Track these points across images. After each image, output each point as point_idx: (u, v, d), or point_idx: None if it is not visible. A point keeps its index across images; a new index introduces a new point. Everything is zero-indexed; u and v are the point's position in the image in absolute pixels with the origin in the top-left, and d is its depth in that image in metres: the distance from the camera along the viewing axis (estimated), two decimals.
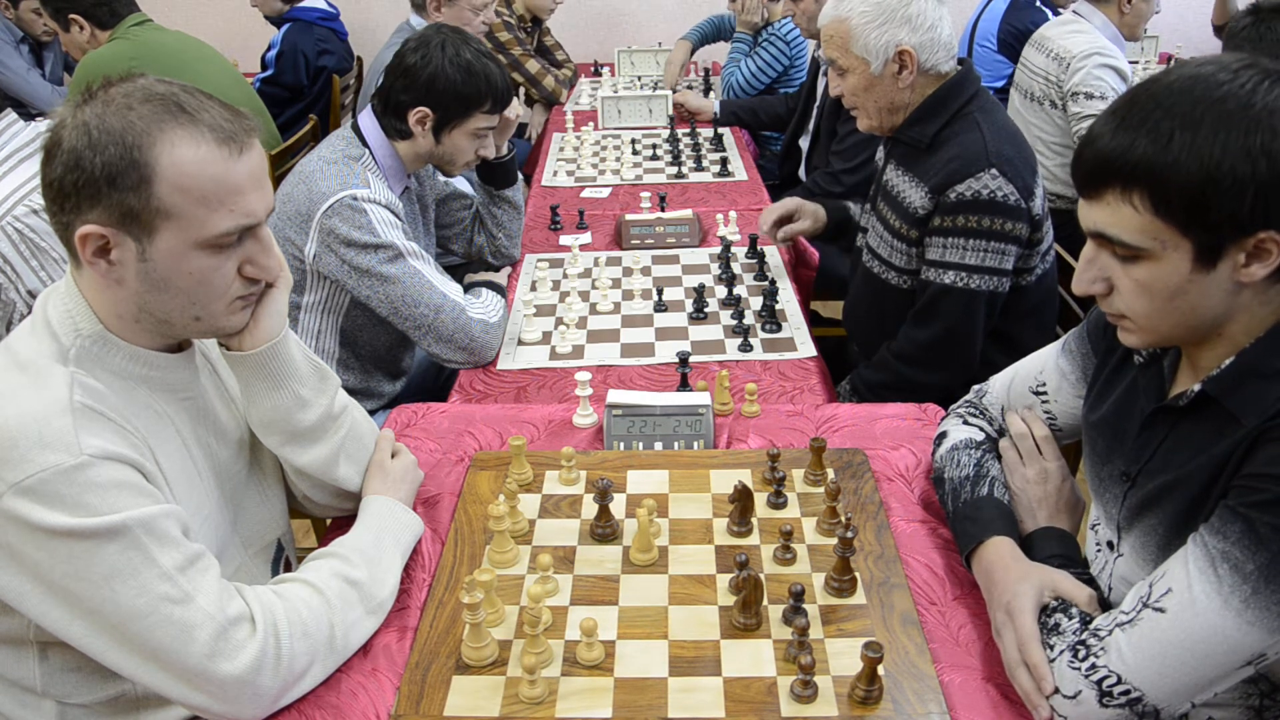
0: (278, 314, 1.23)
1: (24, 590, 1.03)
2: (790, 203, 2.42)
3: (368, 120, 2.07)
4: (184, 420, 1.20)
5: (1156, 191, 0.97)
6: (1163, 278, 1.00)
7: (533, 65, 4.19)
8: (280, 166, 3.06)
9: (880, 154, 2.22)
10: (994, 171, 1.85)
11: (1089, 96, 3.06)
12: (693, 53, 4.27)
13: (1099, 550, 1.23)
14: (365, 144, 2.05)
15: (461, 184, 2.58)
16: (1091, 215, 1.04)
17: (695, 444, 1.61)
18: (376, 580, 1.23)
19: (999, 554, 1.20)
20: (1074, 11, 3.30)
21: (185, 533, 1.10)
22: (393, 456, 1.44)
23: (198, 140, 1.06)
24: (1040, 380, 1.39)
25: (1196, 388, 1.06)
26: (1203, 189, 0.94)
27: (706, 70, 4.42)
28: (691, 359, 1.88)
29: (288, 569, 1.43)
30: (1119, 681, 1.01)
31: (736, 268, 2.35)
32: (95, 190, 1.03)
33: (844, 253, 2.60)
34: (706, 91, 4.18)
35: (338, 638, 1.16)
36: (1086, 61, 3.08)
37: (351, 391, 2.05)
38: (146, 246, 1.06)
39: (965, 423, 1.44)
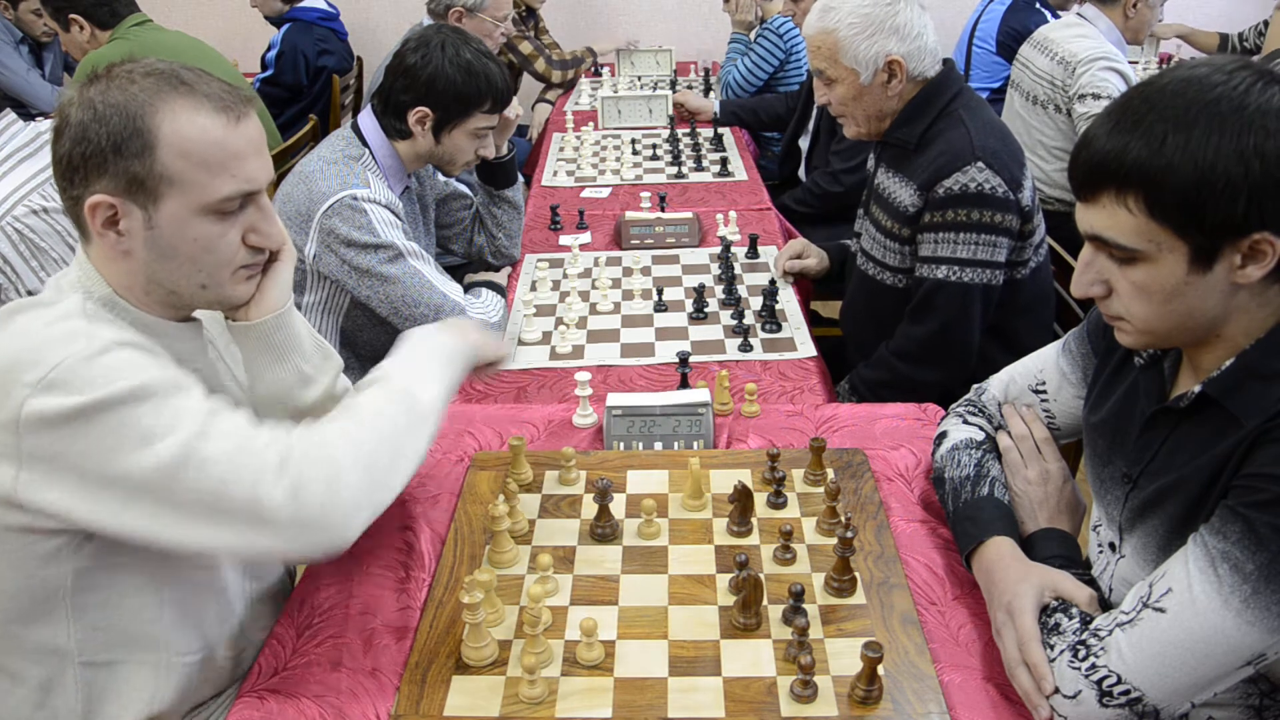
0: (283, 286, 1.26)
1: (70, 498, 1.03)
2: (798, 243, 2.41)
3: (368, 120, 2.07)
4: None
5: (1151, 194, 0.97)
6: (1159, 280, 1.01)
7: (525, 46, 4.20)
8: (280, 166, 3.06)
9: (871, 161, 2.23)
10: (980, 165, 1.86)
11: (1095, 97, 3.06)
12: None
13: (1101, 551, 1.23)
14: (365, 144, 2.05)
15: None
16: (1088, 218, 1.04)
17: (695, 443, 1.61)
18: (417, 385, 1.22)
19: (999, 554, 1.20)
20: (1078, 14, 3.30)
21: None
22: None
23: (197, 107, 1.10)
24: (1040, 379, 1.39)
25: (1197, 389, 1.06)
26: (1197, 191, 0.94)
27: (706, 70, 4.42)
28: (691, 359, 1.87)
29: None
30: (1119, 681, 1.01)
31: (737, 268, 2.35)
32: (102, 160, 1.07)
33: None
34: (706, 91, 4.18)
35: (383, 455, 1.13)
36: (1092, 65, 3.08)
37: None
38: (153, 214, 1.10)
39: (965, 422, 1.44)
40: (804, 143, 3.45)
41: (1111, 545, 1.20)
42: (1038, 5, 4.09)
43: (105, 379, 1.02)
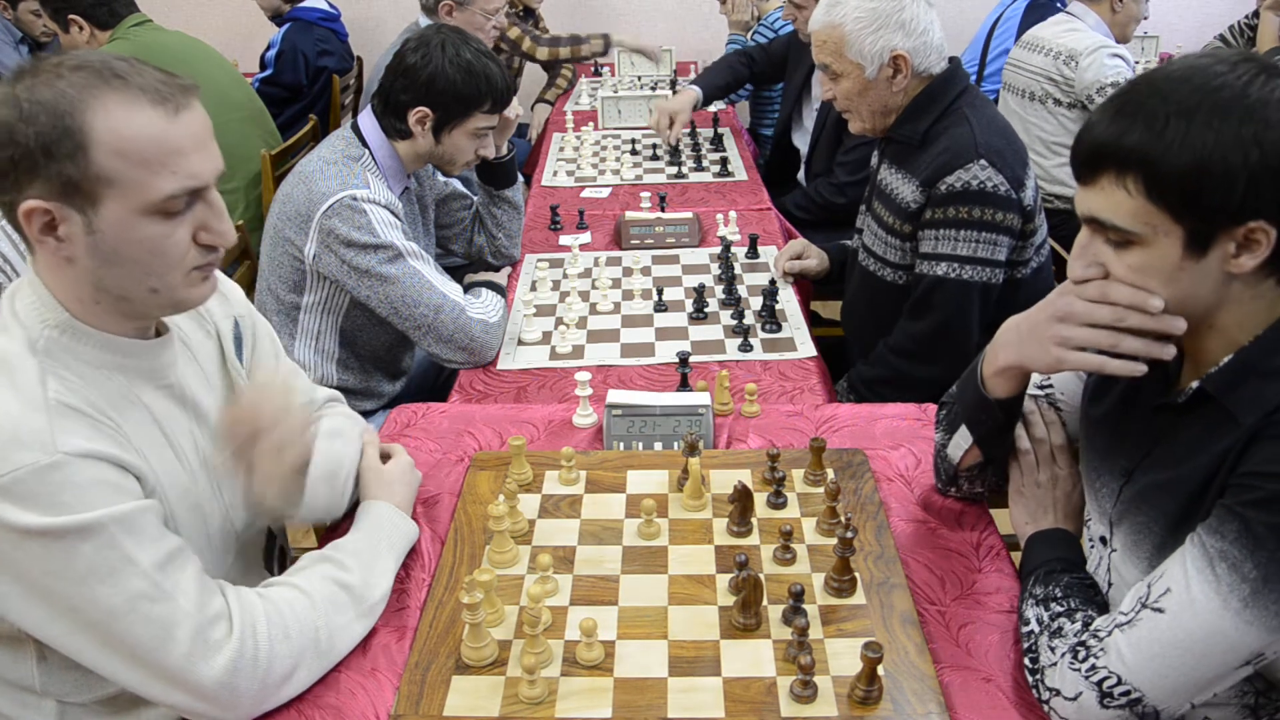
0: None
1: (2, 591, 1.03)
2: (798, 244, 2.40)
3: (367, 120, 2.07)
4: (163, 408, 1.18)
5: (1150, 176, 0.99)
6: (1154, 264, 1.02)
7: (514, 32, 4.07)
8: (280, 166, 3.06)
9: (874, 158, 2.23)
10: (983, 162, 1.86)
11: (1115, 85, 3.06)
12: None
13: (1092, 546, 1.23)
14: (365, 144, 2.05)
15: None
16: (1086, 200, 1.06)
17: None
18: (369, 584, 1.23)
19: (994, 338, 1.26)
20: (1067, 12, 3.32)
21: (166, 525, 1.10)
22: (388, 458, 1.44)
23: (131, 102, 1.03)
24: (1046, 378, 1.39)
25: (1195, 384, 1.06)
26: (1195, 175, 0.96)
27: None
28: (691, 359, 1.87)
29: (282, 558, 1.43)
30: (1119, 682, 1.01)
31: (737, 267, 2.35)
32: (32, 163, 1.01)
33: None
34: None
35: (323, 641, 1.15)
36: (1095, 55, 3.08)
37: (351, 392, 2.07)
38: (92, 218, 1.03)
39: None
40: (800, 142, 3.45)
41: (1103, 539, 1.20)
42: (1057, 4, 4.08)
43: (57, 503, 0.99)
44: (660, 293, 2.21)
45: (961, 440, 1.33)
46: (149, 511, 1.07)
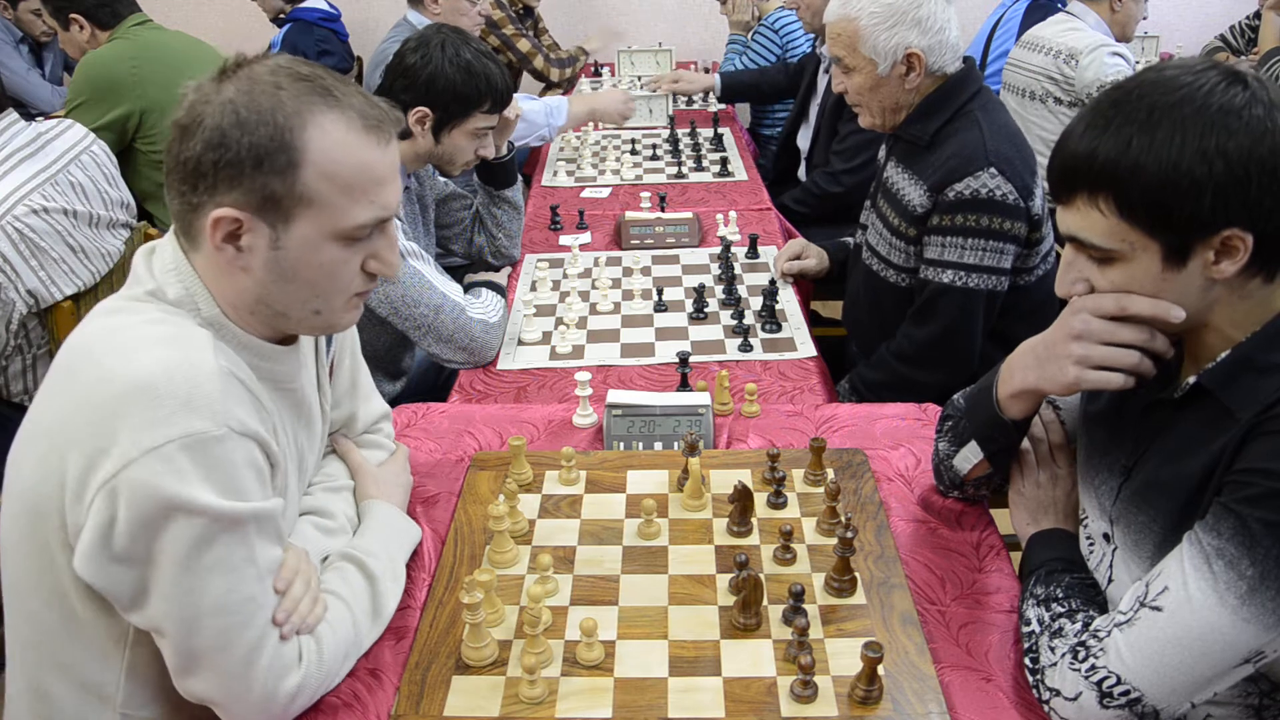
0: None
1: (122, 547, 0.97)
2: (798, 244, 2.40)
3: None
4: (282, 409, 1.16)
5: (1120, 195, 0.99)
6: (1136, 279, 1.03)
7: (524, 44, 4.20)
8: None
9: (882, 153, 2.22)
10: (992, 170, 1.85)
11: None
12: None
13: (1092, 544, 1.23)
14: None
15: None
16: (1065, 220, 1.07)
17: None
18: (388, 592, 1.23)
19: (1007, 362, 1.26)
20: (1067, 11, 3.32)
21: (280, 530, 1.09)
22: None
23: (347, 125, 1.02)
24: None
25: (1191, 380, 1.07)
26: (1163, 191, 0.97)
27: (706, 70, 4.43)
28: (691, 359, 1.87)
29: None
30: (1119, 682, 1.01)
31: (737, 267, 2.35)
32: (238, 172, 0.99)
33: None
34: (707, 95, 4.17)
35: (354, 649, 1.17)
36: (1096, 54, 3.08)
37: None
38: (281, 234, 1.02)
39: None
40: (802, 141, 3.45)
41: (1105, 536, 1.20)
42: (1058, 4, 4.08)
43: (209, 480, 0.96)
44: (660, 293, 2.21)
45: (971, 455, 1.33)
46: (277, 512, 1.06)
